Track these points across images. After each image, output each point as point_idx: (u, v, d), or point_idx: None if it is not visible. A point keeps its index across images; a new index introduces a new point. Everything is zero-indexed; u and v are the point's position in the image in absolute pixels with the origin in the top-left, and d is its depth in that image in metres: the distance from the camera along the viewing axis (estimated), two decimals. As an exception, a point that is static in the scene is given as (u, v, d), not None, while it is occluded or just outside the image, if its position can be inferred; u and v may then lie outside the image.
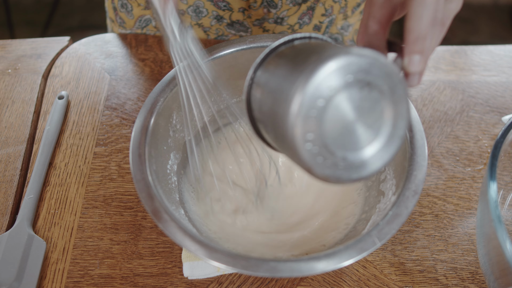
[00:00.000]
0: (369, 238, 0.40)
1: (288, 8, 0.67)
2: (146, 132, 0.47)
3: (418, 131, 0.47)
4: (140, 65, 0.69)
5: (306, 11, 0.69)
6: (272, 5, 0.66)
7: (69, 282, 0.50)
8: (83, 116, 0.63)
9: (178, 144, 0.53)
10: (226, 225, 0.51)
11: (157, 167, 0.47)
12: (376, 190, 0.50)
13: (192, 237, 0.40)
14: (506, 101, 0.66)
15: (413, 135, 0.46)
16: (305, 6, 0.68)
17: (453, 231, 0.54)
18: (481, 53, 0.72)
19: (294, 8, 0.67)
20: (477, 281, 0.51)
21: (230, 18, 0.68)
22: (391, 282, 0.50)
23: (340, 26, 0.75)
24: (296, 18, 0.70)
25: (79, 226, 0.54)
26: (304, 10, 0.68)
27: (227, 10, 0.66)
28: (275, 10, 0.67)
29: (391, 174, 0.49)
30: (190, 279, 0.50)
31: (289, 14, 0.68)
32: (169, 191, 0.47)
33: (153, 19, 0.71)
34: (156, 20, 0.44)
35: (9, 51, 0.70)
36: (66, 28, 1.88)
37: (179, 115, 0.52)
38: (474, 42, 1.80)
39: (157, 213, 0.42)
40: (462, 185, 0.58)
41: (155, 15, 0.43)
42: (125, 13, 0.72)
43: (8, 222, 0.53)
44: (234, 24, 0.70)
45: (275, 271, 0.38)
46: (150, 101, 0.49)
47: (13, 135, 0.61)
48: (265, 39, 0.54)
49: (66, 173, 0.58)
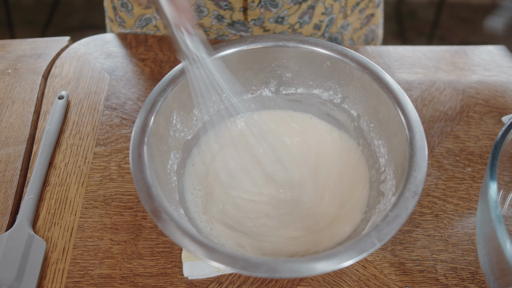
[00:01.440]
0: (369, 239, 0.40)
1: (289, 7, 0.67)
2: (146, 131, 0.47)
3: (418, 131, 0.46)
4: (140, 65, 0.69)
5: (306, 10, 0.69)
6: (273, 4, 0.66)
7: (69, 282, 0.50)
8: (83, 116, 0.63)
9: (178, 143, 0.53)
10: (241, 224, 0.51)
11: (157, 167, 0.47)
12: (376, 190, 0.50)
13: (192, 237, 0.40)
14: (506, 101, 0.66)
15: (413, 135, 0.46)
16: (306, 5, 0.68)
17: (453, 231, 0.54)
18: (481, 53, 0.72)
19: (295, 7, 0.67)
20: (477, 281, 0.51)
21: (231, 17, 0.68)
22: (391, 282, 0.50)
23: (340, 25, 0.75)
24: (296, 17, 0.70)
25: (79, 226, 0.54)
26: (304, 9, 0.68)
27: (228, 10, 0.66)
28: (276, 9, 0.67)
29: (391, 174, 0.49)
30: (190, 279, 0.50)
31: (290, 13, 0.68)
32: (169, 191, 0.47)
33: (159, 19, 0.71)
34: (167, 30, 0.45)
35: (9, 51, 0.70)
36: (66, 28, 1.88)
37: (179, 114, 0.52)
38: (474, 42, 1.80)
39: (157, 213, 0.42)
40: (462, 185, 0.58)
41: (167, 26, 0.44)
42: (125, 12, 0.72)
43: (8, 222, 0.53)
44: (235, 23, 0.70)
45: (274, 271, 0.38)
46: (150, 100, 0.49)
47: (13, 135, 0.61)
48: (266, 39, 0.54)
49: (66, 173, 0.58)
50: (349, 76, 0.53)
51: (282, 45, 0.53)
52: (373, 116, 0.53)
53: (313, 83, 0.56)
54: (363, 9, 0.76)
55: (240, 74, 0.55)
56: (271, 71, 0.56)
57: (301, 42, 0.53)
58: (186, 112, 0.53)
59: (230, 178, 0.54)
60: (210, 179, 0.54)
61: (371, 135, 0.54)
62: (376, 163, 0.52)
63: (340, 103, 0.56)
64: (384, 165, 0.51)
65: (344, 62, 0.52)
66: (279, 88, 0.58)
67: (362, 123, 0.55)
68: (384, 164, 0.51)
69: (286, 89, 0.58)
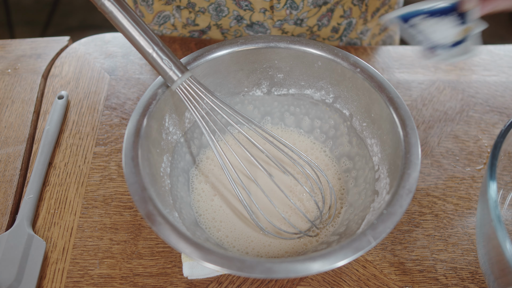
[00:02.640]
0: (364, 238, 0.40)
1: (309, 9, 0.67)
2: (139, 134, 0.47)
3: (410, 129, 0.46)
4: (140, 65, 0.69)
5: (325, 13, 0.69)
6: (294, 6, 0.65)
7: (69, 282, 0.50)
8: (83, 116, 0.63)
9: (171, 146, 0.53)
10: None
11: (150, 170, 0.47)
12: (371, 189, 0.50)
13: (187, 239, 0.40)
14: (506, 100, 0.66)
15: (406, 133, 0.46)
16: (325, 7, 0.68)
17: (453, 231, 0.54)
18: (481, 52, 0.72)
19: (315, 9, 0.67)
20: (477, 281, 0.51)
21: (250, 18, 0.68)
22: (391, 282, 0.50)
23: (360, 31, 0.75)
24: (315, 20, 0.69)
25: (78, 226, 0.54)
26: (324, 11, 0.68)
27: (248, 10, 0.66)
28: (296, 11, 0.66)
29: (384, 173, 0.49)
30: (190, 279, 0.50)
31: (309, 15, 0.68)
32: (162, 194, 0.47)
33: (177, 18, 0.71)
34: (153, 67, 0.48)
35: (9, 51, 0.70)
36: (66, 28, 1.88)
37: (171, 117, 0.52)
38: (474, 42, 1.80)
39: (151, 216, 0.42)
40: (462, 185, 0.58)
41: (153, 63, 0.47)
42: (145, 7, 0.71)
43: (8, 222, 0.53)
44: (254, 25, 0.69)
45: (271, 272, 0.38)
46: (142, 103, 0.49)
47: (13, 135, 0.61)
48: (257, 40, 0.54)
49: (66, 173, 0.58)
50: (340, 75, 0.53)
51: (273, 46, 0.53)
52: (365, 115, 0.53)
53: (305, 84, 0.56)
54: (383, 15, 0.76)
55: (231, 75, 0.55)
56: (262, 72, 0.56)
57: (292, 42, 0.53)
58: (178, 115, 0.53)
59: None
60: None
61: (364, 134, 0.54)
62: (369, 161, 0.52)
63: (332, 103, 0.56)
64: (378, 164, 0.51)
65: (336, 62, 0.52)
66: (271, 89, 0.58)
67: (355, 122, 0.55)
68: (378, 163, 0.51)
69: (278, 90, 0.58)
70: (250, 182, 0.55)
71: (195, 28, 0.71)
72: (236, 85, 0.57)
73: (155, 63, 0.48)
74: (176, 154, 0.54)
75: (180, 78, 0.48)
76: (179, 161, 0.54)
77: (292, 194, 0.54)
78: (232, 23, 0.69)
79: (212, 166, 0.56)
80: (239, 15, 0.67)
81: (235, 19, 0.68)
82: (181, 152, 0.55)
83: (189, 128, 0.55)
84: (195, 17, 0.69)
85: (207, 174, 0.56)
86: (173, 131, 0.53)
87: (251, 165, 0.56)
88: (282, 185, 0.54)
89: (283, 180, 0.55)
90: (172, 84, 0.48)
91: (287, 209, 0.53)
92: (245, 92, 0.58)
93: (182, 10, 0.68)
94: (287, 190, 0.54)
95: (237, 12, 0.67)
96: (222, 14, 0.67)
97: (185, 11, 0.68)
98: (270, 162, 0.56)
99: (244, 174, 0.55)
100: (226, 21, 0.69)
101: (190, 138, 0.56)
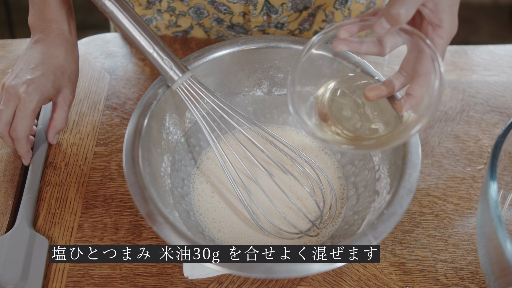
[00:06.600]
0: (365, 237, 0.40)
1: (289, 14, 0.66)
2: (139, 134, 0.47)
3: None
4: (140, 65, 0.69)
5: (307, 18, 0.69)
6: (273, 10, 0.65)
7: (69, 281, 0.50)
8: (83, 115, 0.63)
9: (171, 146, 0.53)
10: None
11: (151, 169, 0.47)
12: (371, 189, 0.50)
13: (187, 239, 0.40)
14: (507, 100, 0.66)
15: None
16: (306, 12, 0.67)
17: (453, 231, 0.54)
18: (481, 52, 0.72)
19: (295, 14, 0.67)
20: (477, 281, 0.51)
21: (230, 21, 0.68)
22: (391, 282, 0.50)
23: None
24: (296, 24, 0.69)
25: (79, 226, 0.54)
26: (305, 16, 0.68)
27: (228, 14, 0.66)
28: (276, 15, 0.66)
29: (385, 173, 0.49)
30: (190, 279, 0.50)
31: (290, 20, 0.68)
32: (163, 194, 0.47)
33: (159, 20, 0.71)
34: (154, 66, 0.48)
35: (9, 51, 0.70)
36: (66, 28, 1.87)
37: (172, 117, 0.52)
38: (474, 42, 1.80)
39: (152, 216, 0.42)
40: (462, 185, 0.58)
41: (153, 63, 0.48)
42: None
43: (8, 222, 0.53)
44: (234, 26, 0.69)
45: (271, 272, 0.38)
46: (143, 103, 0.49)
47: (13, 135, 0.60)
48: (257, 40, 0.53)
49: (66, 173, 0.58)
50: (341, 74, 0.53)
51: (274, 46, 0.53)
52: None
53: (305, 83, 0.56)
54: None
55: (232, 75, 0.55)
56: (263, 72, 0.56)
57: (293, 42, 0.53)
58: (179, 115, 0.53)
59: None
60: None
61: None
62: (370, 161, 0.52)
63: None
64: (378, 164, 0.51)
65: (336, 61, 0.52)
66: (271, 89, 0.58)
67: None
68: (378, 163, 0.51)
69: (278, 90, 0.58)
70: (251, 182, 0.55)
71: (178, 29, 0.71)
72: (236, 85, 0.57)
73: (156, 63, 0.48)
74: (177, 154, 0.54)
75: (181, 78, 0.48)
76: (179, 161, 0.54)
77: (292, 193, 0.54)
78: (213, 23, 0.69)
79: (212, 166, 0.56)
80: (219, 18, 0.67)
81: (215, 20, 0.68)
82: (182, 152, 0.55)
83: (189, 128, 0.55)
84: (176, 19, 0.69)
85: (207, 174, 0.56)
86: (174, 131, 0.53)
87: (251, 164, 0.56)
88: (282, 185, 0.54)
89: (284, 179, 0.55)
90: (172, 84, 0.48)
91: (287, 209, 0.53)
92: (245, 92, 0.58)
93: (163, 13, 0.69)
94: (288, 190, 0.54)
95: (216, 15, 0.67)
96: (202, 15, 0.67)
97: (166, 14, 0.69)
98: (270, 162, 0.56)
99: (244, 174, 0.55)
100: (207, 21, 0.69)
101: (191, 138, 0.56)
